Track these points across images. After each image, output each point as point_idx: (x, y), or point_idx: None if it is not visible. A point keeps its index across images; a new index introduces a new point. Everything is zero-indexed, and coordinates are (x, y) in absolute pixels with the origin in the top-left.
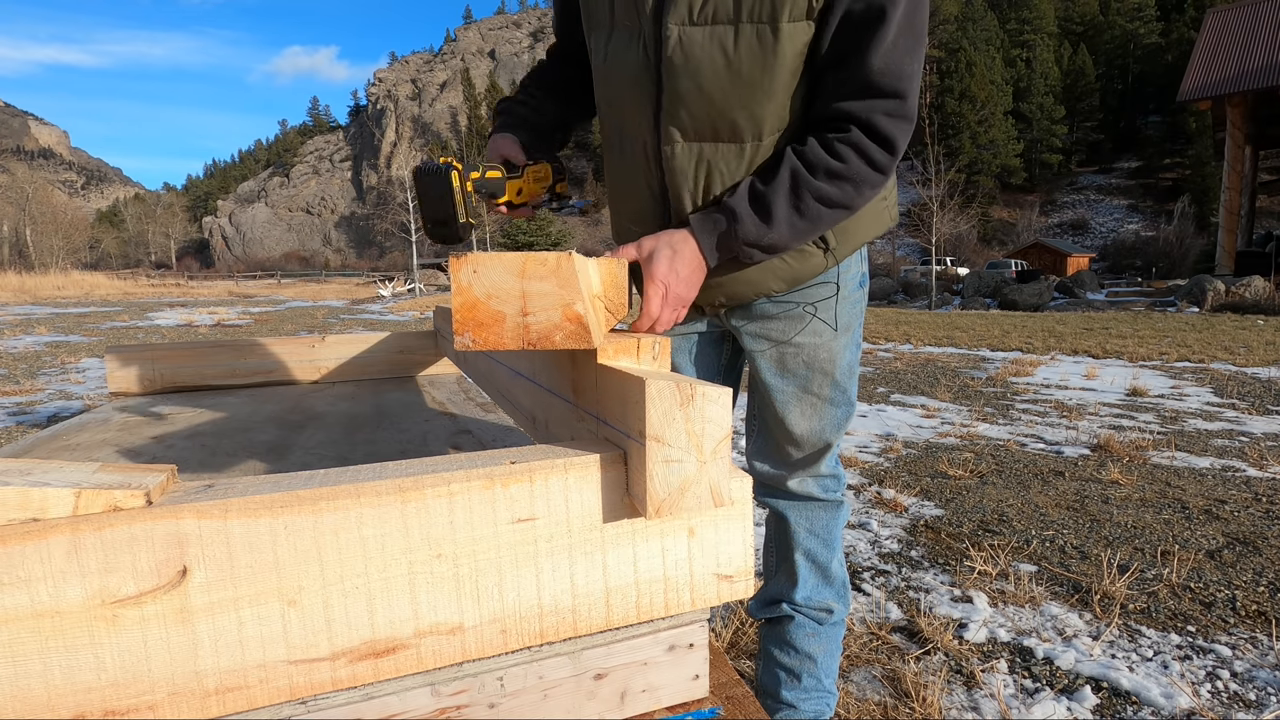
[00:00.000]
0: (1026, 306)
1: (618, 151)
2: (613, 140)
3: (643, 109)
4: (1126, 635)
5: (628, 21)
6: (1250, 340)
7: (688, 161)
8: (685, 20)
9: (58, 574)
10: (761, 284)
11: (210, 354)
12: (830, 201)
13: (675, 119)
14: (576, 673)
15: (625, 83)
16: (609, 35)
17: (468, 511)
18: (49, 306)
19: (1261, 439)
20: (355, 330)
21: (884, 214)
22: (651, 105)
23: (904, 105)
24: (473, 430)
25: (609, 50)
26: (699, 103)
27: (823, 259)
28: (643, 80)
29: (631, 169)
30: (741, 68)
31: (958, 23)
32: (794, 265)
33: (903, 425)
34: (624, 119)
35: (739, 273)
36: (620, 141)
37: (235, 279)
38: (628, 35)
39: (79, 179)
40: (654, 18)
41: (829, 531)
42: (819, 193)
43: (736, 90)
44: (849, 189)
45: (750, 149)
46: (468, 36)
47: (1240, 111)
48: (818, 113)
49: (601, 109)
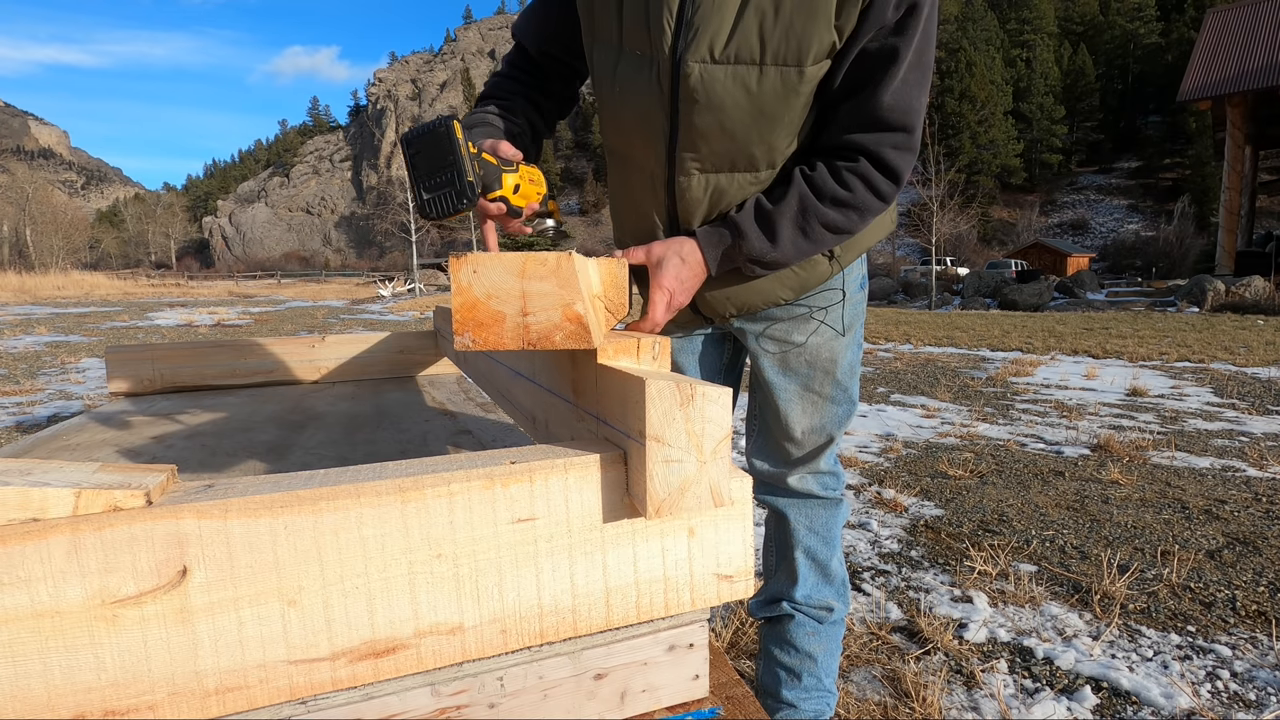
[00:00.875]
0: (1026, 306)
1: (622, 173)
2: (617, 161)
3: (653, 141)
4: (1126, 635)
5: (640, 49)
6: (1250, 340)
7: (702, 192)
8: (707, 59)
9: (58, 574)
10: (772, 294)
11: (210, 354)
12: (834, 227)
13: (693, 151)
14: (576, 673)
15: (635, 112)
16: (617, 57)
17: (468, 511)
18: (49, 306)
19: (1261, 439)
20: (355, 330)
21: (885, 221)
22: (664, 139)
23: (910, 139)
24: (473, 430)
25: (617, 74)
26: (719, 138)
27: (829, 266)
28: (654, 113)
29: (639, 194)
30: (765, 106)
31: (958, 23)
32: (802, 274)
33: (903, 425)
34: (631, 146)
35: (750, 283)
36: (625, 165)
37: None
38: (639, 62)
39: (79, 179)
40: (671, 52)
41: (828, 529)
42: (824, 218)
43: (758, 126)
44: (854, 215)
45: (765, 176)
46: (468, 36)
47: (1240, 111)
48: (828, 141)
49: (606, 126)
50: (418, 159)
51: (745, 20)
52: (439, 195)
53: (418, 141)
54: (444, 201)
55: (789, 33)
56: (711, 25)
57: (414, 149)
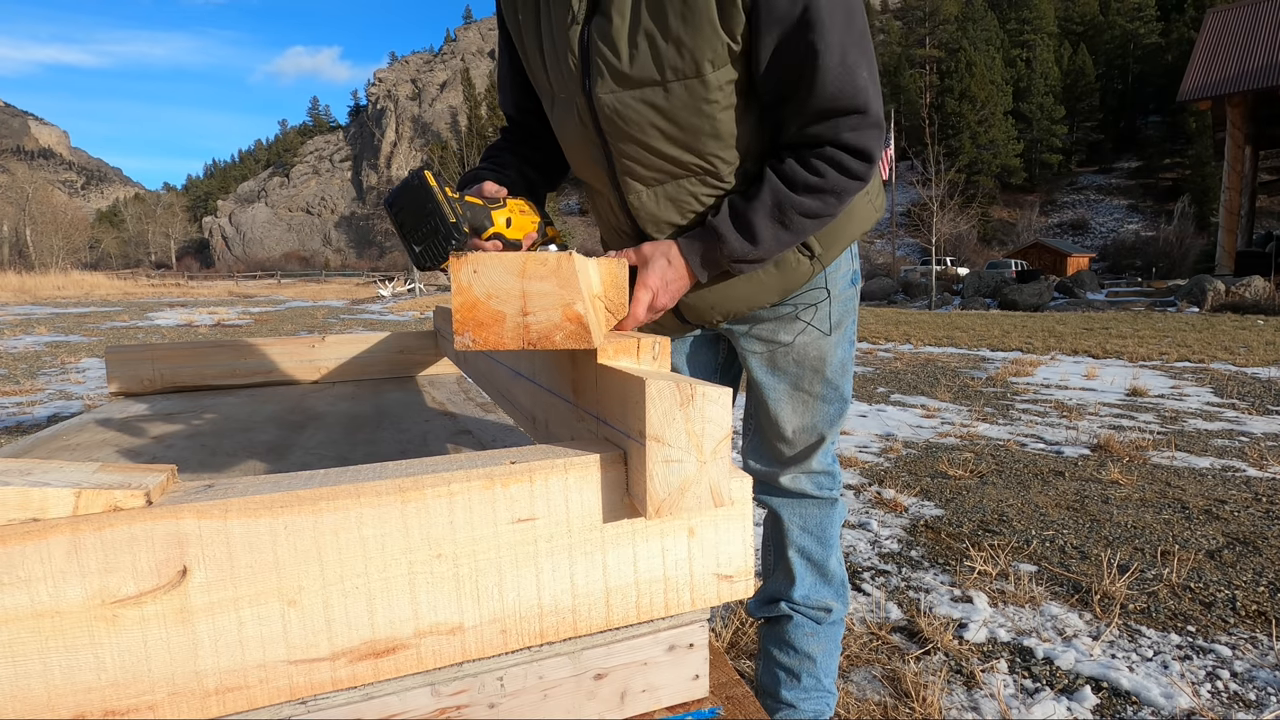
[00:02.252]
0: (1026, 306)
1: (592, 199)
2: (586, 189)
3: (597, 169)
4: (1126, 635)
5: (563, 92)
6: (1250, 340)
7: (655, 204)
8: (616, 88)
9: (58, 574)
10: (755, 299)
11: (210, 354)
12: (812, 214)
13: (630, 174)
14: (576, 673)
15: (575, 148)
16: (551, 103)
17: (468, 511)
18: (49, 306)
19: (1261, 439)
20: (355, 330)
21: (869, 210)
22: (604, 165)
23: (867, 117)
24: (473, 430)
25: (555, 118)
26: (648, 156)
27: (810, 266)
28: (588, 146)
29: (605, 214)
30: (680, 120)
31: (958, 23)
32: (784, 277)
33: (903, 425)
34: (586, 176)
35: (732, 292)
36: (591, 192)
37: (235, 279)
38: (566, 104)
39: (79, 179)
40: (583, 89)
41: (823, 529)
42: (801, 207)
43: (684, 138)
44: (830, 199)
45: (728, 181)
46: (468, 36)
47: (1240, 111)
48: (787, 139)
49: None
50: (402, 215)
51: (638, 45)
52: (429, 244)
53: (398, 200)
54: (434, 248)
55: (680, 47)
56: (608, 57)
57: (396, 208)
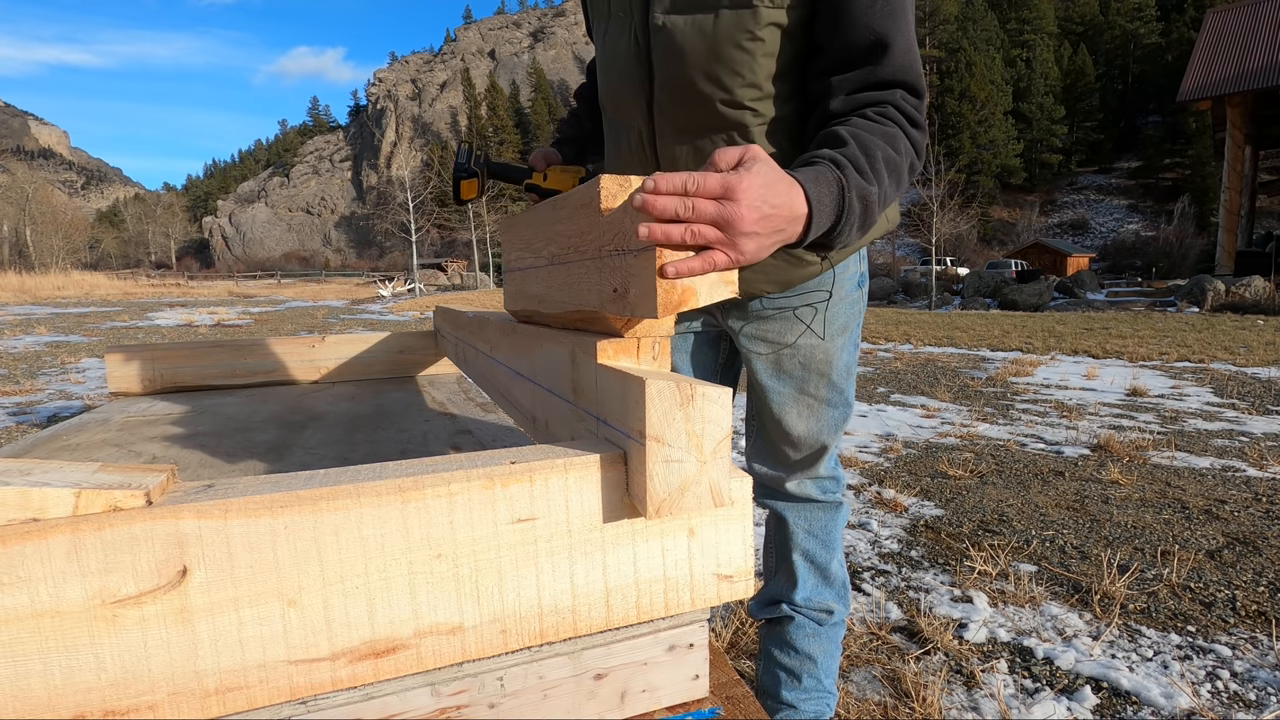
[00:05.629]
0: (1026, 306)
1: (614, 137)
2: (612, 131)
3: (637, 98)
4: (1126, 635)
5: (621, 12)
6: (1250, 340)
7: (686, 157)
8: (669, 9)
9: (58, 574)
10: (753, 285)
11: (210, 354)
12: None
13: (664, 111)
14: (576, 673)
15: (620, 71)
16: (607, 25)
17: (468, 512)
18: (49, 306)
19: (1261, 439)
20: (355, 330)
21: (882, 217)
22: (644, 94)
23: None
24: (473, 430)
25: (606, 40)
26: (684, 97)
27: (819, 265)
28: (634, 70)
29: (627, 157)
30: (720, 51)
31: (958, 23)
32: (786, 268)
33: (903, 425)
34: (619, 108)
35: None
36: (618, 133)
37: (235, 279)
38: (621, 24)
39: (79, 179)
40: (642, 8)
41: (827, 533)
42: (891, 162)
43: (720, 74)
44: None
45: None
46: (468, 36)
47: (1240, 111)
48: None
49: (603, 100)
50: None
51: None
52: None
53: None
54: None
55: None
56: None
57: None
